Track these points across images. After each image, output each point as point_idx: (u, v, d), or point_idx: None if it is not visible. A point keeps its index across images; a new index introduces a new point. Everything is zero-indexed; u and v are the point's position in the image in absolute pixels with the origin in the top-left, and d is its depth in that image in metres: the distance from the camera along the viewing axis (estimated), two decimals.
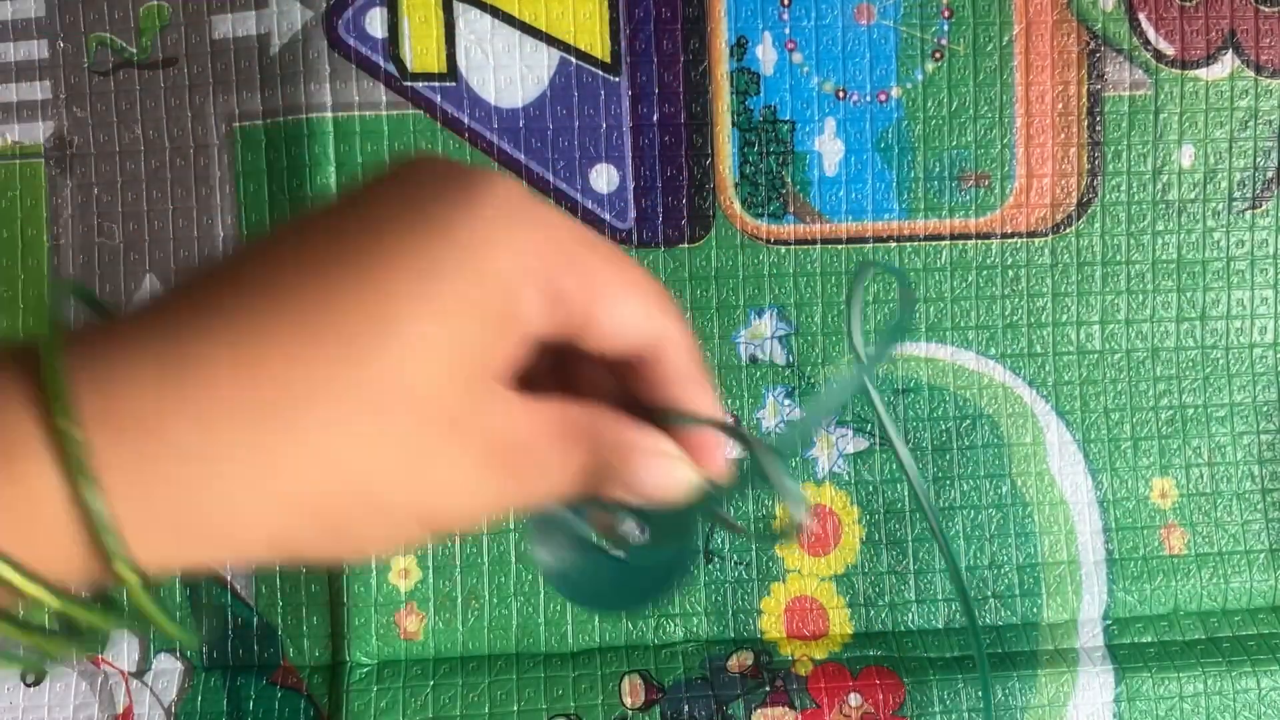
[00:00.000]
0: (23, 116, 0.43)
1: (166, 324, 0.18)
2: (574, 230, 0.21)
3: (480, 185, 0.20)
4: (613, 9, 0.42)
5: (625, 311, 0.21)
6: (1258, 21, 0.43)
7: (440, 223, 0.20)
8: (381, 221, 0.20)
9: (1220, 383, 0.44)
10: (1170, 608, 0.43)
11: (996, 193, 0.43)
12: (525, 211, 0.20)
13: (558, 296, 0.20)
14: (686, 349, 0.23)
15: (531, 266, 0.20)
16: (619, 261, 0.22)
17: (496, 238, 0.20)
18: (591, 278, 0.21)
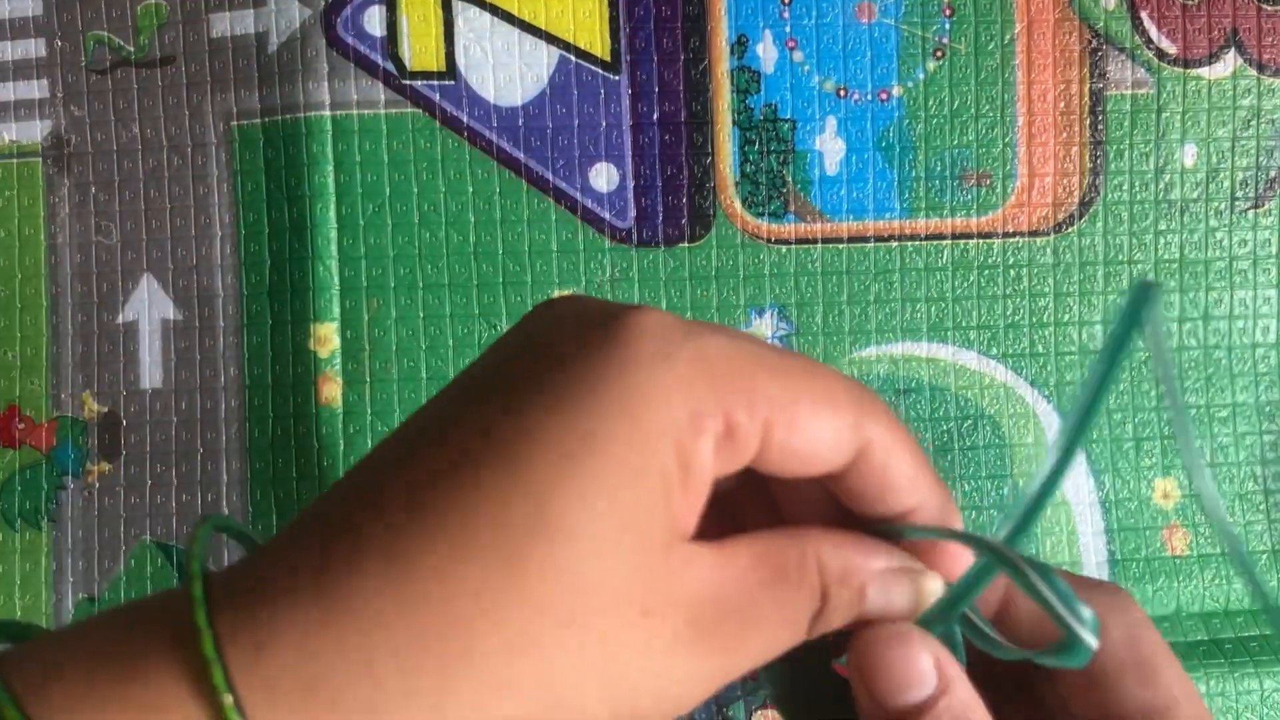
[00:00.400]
0: (20, 115, 0.43)
1: (314, 562, 0.17)
2: (739, 349, 0.19)
3: (625, 326, 0.18)
4: (612, 7, 0.42)
5: (812, 430, 0.19)
6: (1260, 20, 0.43)
7: (587, 383, 0.18)
8: (521, 395, 0.18)
9: (1223, 383, 0.43)
10: (1172, 609, 0.43)
11: (998, 192, 0.43)
12: (680, 344, 0.18)
13: (731, 432, 0.18)
14: (899, 452, 0.20)
15: (697, 410, 0.18)
16: (797, 373, 0.19)
17: (652, 386, 0.18)
18: (765, 401, 0.18)
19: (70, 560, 0.42)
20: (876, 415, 0.20)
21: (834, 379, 0.20)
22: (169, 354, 0.43)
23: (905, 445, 0.20)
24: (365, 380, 0.42)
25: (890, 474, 0.20)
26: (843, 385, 0.20)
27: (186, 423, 0.42)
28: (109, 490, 0.42)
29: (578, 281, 0.42)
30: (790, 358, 0.20)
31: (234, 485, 0.42)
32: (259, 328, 0.42)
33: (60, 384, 0.43)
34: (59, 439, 0.43)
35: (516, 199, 0.42)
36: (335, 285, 0.42)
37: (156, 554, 0.42)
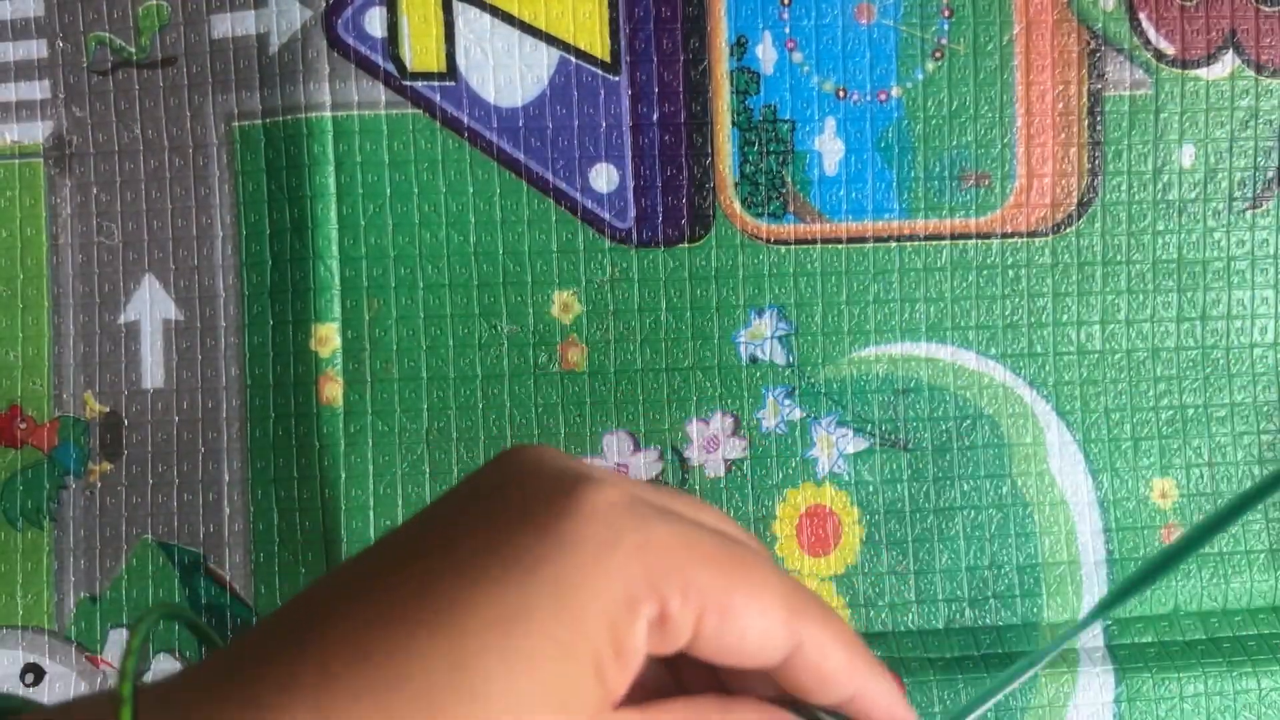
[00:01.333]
0: (21, 116, 0.43)
1: (245, 695, 0.17)
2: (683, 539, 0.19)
3: (576, 505, 0.19)
4: (612, 8, 0.42)
5: (743, 625, 0.20)
6: (1258, 21, 0.43)
7: (528, 554, 0.18)
8: (463, 559, 0.18)
9: (1221, 383, 0.44)
10: (1170, 608, 0.43)
11: (997, 192, 0.43)
12: (626, 532, 0.19)
13: (664, 618, 0.19)
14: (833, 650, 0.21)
15: (633, 594, 0.19)
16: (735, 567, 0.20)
17: (591, 570, 0.18)
18: (699, 593, 0.19)
19: (72, 559, 0.42)
20: (809, 614, 0.20)
21: (770, 577, 0.20)
22: (170, 354, 0.43)
23: (839, 641, 0.21)
24: (366, 380, 0.42)
25: (824, 669, 0.21)
26: (776, 583, 0.20)
27: (188, 422, 0.43)
28: (111, 490, 0.43)
29: (578, 281, 0.42)
30: (732, 551, 0.20)
31: (235, 485, 0.42)
32: (260, 328, 0.42)
33: (62, 384, 0.43)
34: (61, 438, 0.43)
35: (517, 199, 0.42)
36: (336, 285, 0.42)
37: (158, 553, 0.42)
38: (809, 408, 0.43)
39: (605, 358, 0.43)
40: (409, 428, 0.42)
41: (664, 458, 0.43)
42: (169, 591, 0.42)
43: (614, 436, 0.43)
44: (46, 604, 0.42)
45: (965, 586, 0.43)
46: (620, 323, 0.43)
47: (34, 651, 0.42)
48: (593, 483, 0.19)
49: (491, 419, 0.42)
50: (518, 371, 0.42)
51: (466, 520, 0.19)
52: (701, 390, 0.43)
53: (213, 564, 0.42)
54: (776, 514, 0.43)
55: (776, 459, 0.43)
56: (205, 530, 0.42)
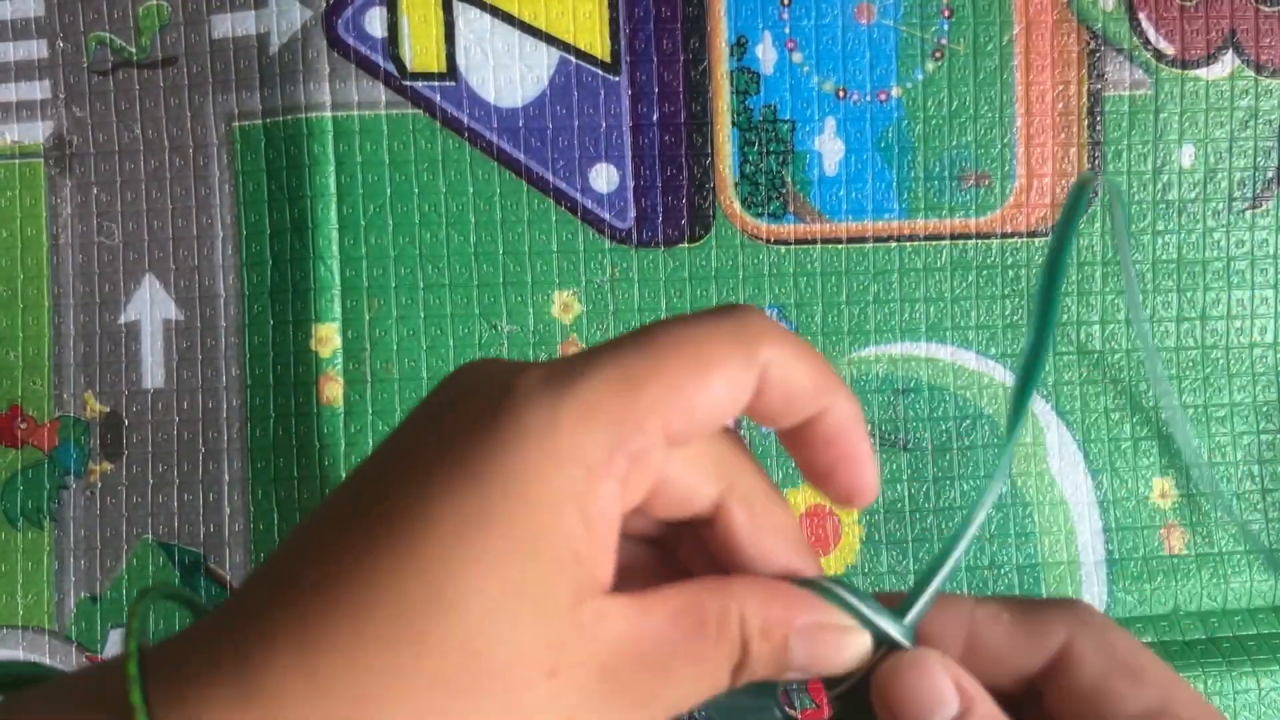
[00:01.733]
0: (22, 116, 0.43)
1: (233, 647, 0.18)
2: (617, 374, 0.19)
3: (508, 395, 0.19)
4: (612, 8, 0.42)
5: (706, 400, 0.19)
6: (1258, 21, 0.43)
7: (475, 456, 0.18)
8: (417, 477, 0.19)
9: (1220, 383, 0.44)
10: (1170, 608, 0.43)
11: (997, 192, 0.43)
12: (562, 402, 0.19)
13: (635, 461, 0.19)
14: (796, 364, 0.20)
15: (591, 463, 0.18)
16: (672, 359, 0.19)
17: (540, 454, 0.18)
18: (652, 411, 0.19)
19: (73, 559, 0.43)
20: (762, 340, 0.20)
21: (707, 335, 0.20)
22: (171, 354, 0.43)
23: (800, 355, 0.21)
24: (366, 380, 0.42)
25: (795, 383, 0.20)
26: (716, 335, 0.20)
27: (188, 422, 0.43)
28: (111, 490, 0.43)
29: (578, 281, 0.42)
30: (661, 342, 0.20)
31: (235, 485, 0.42)
32: (260, 328, 0.42)
33: (62, 384, 0.43)
34: (61, 439, 0.43)
35: (517, 199, 0.42)
36: (336, 285, 0.42)
37: (159, 553, 0.42)
38: None
39: None
40: None
41: None
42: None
43: None
44: (47, 604, 0.42)
45: (965, 586, 0.43)
46: (620, 323, 0.43)
47: (34, 651, 0.42)
48: (524, 371, 0.19)
49: None
50: None
51: (420, 438, 0.19)
52: None
53: (213, 564, 0.42)
54: None
55: (777, 459, 0.43)
56: (205, 530, 0.42)
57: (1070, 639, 0.22)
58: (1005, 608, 0.23)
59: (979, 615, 0.23)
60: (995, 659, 0.23)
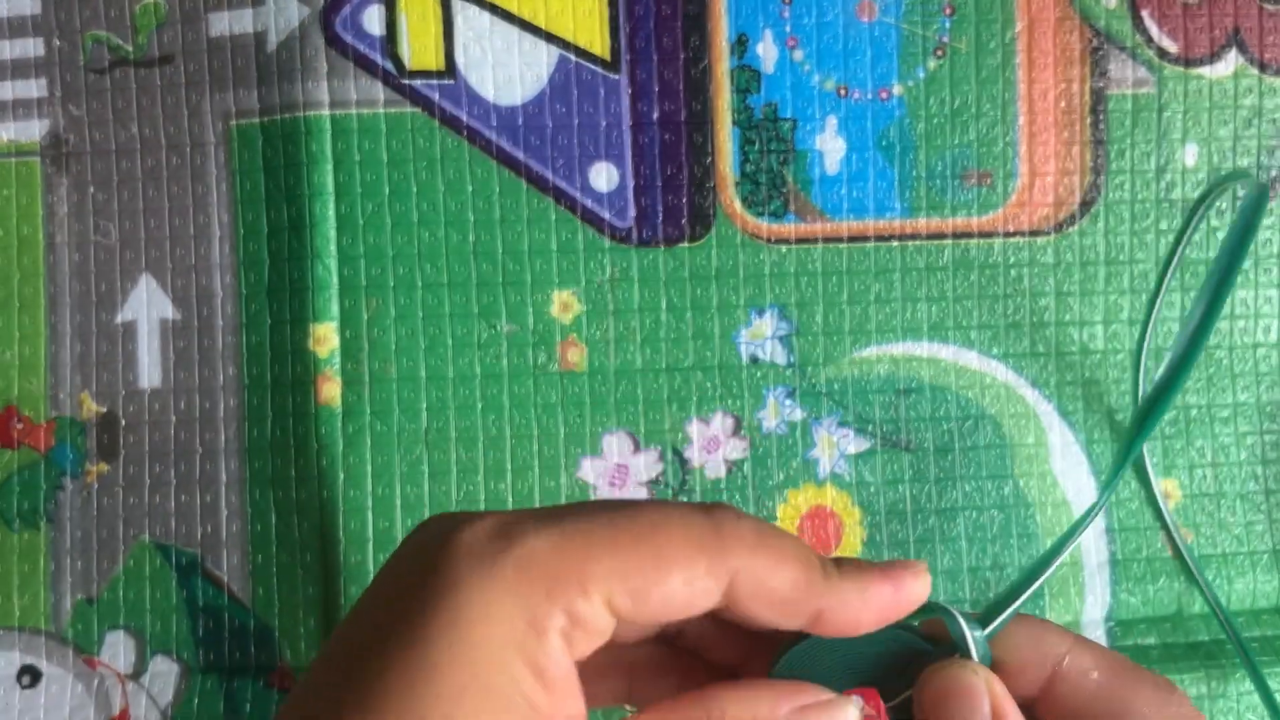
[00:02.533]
0: (17, 114, 0.43)
1: None
2: (565, 535, 0.19)
3: (446, 551, 0.19)
4: (612, 6, 0.42)
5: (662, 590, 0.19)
6: (1262, 19, 0.43)
7: (420, 612, 0.19)
8: (369, 632, 0.19)
9: (1224, 383, 0.43)
10: (1174, 609, 0.43)
11: (999, 191, 0.43)
12: (502, 555, 0.19)
13: (576, 621, 0.19)
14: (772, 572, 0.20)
15: (532, 615, 0.19)
16: (631, 541, 0.19)
17: (481, 606, 0.18)
18: (599, 581, 0.19)
19: (69, 560, 0.42)
20: (731, 547, 0.20)
21: (672, 527, 0.20)
22: (167, 354, 0.42)
23: (778, 562, 0.20)
24: (364, 380, 0.42)
25: (771, 594, 0.20)
26: (683, 534, 0.20)
27: (185, 422, 0.42)
28: (107, 490, 0.42)
29: (578, 281, 0.42)
30: (622, 523, 0.20)
31: (232, 485, 0.42)
32: (257, 327, 0.42)
33: (58, 384, 0.43)
34: (57, 439, 0.43)
35: (516, 198, 0.42)
36: (334, 284, 0.42)
37: (155, 554, 0.42)
38: (810, 408, 0.43)
39: (605, 358, 0.42)
40: (407, 428, 0.42)
41: (664, 458, 0.42)
42: (166, 593, 0.42)
43: (614, 436, 0.42)
44: (43, 605, 0.42)
45: (967, 588, 0.42)
46: (620, 323, 0.42)
47: (30, 653, 0.42)
48: (461, 525, 0.19)
49: (490, 419, 0.42)
50: (517, 371, 0.42)
51: (373, 600, 0.20)
52: (702, 390, 0.42)
53: (210, 565, 0.42)
54: (778, 515, 0.43)
55: (777, 459, 0.43)
56: (202, 531, 0.42)
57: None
58: (1098, 665, 0.23)
59: (1068, 664, 0.23)
60: (1068, 712, 0.23)
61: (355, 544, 0.41)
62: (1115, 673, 0.23)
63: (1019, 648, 0.23)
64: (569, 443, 0.42)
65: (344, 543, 0.41)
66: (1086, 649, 0.23)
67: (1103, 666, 0.23)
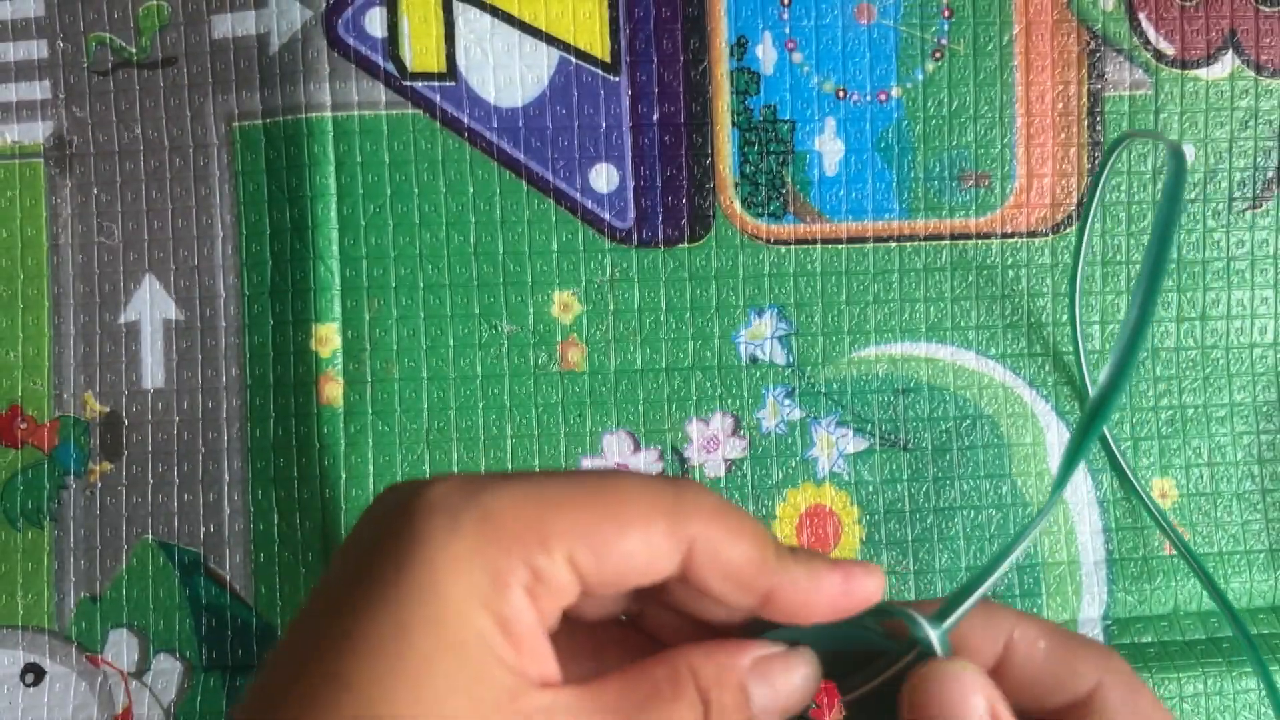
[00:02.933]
0: (22, 116, 0.43)
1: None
2: (526, 493, 0.19)
3: (409, 509, 0.19)
4: (612, 8, 0.42)
5: (620, 549, 0.19)
6: (1258, 21, 0.43)
7: (385, 571, 0.19)
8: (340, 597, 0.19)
9: (1220, 383, 0.44)
10: (1170, 608, 0.43)
11: (997, 192, 0.43)
12: (463, 510, 0.19)
13: (538, 577, 0.19)
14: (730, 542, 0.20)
15: (494, 569, 0.19)
16: (590, 499, 0.20)
17: (444, 560, 0.18)
18: (560, 538, 0.19)
19: (72, 560, 0.43)
20: (694, 513, 0.20)
21: (634, 490, 0.20)
22: (171, 354, 0.43)
23: (736, 534, 0.20)
24: (366, 380, 0.42)
25: (726, 566, 0.20)
26: (645, 496, 0.20)
27: (188, 422, 0.43)
28: (111, 490, 0.43)
29: (578, 281, 0.42)
30: (585, 483, 0.20)
31: (235, 485, 0.42)
32: (260, 328, 0.42)
33: (62, 384, 0.43)
34: (61, 438, 0.43)
35: (517, 200, 0.42)
36: (336, 285, 0.42)
37: (158, 553, 0.42)
38: (809, 408, 0.43)
39: (605, 358, 0.43)
40: (409, 428, 0.42)
41: (664, 458, 0.43)
42: (169, 591, 0.42)
43: (614, 436, 0.43)
44: (47, 604, 0.42)
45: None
46: (620, 323, 0.43)
47: (34, 651, 0.42)
48: (425, 485, 0.20)
49: (491, 419, 0.42)
50: (518, 371, 0.42)
51: (340, 567, 0.20)
52: (701, 390, 0.43)
53: (213, 564, 0.42)
54: (777, 514, 0.43)
55: (776, 459, 0.43)
56: (205, 530, 0.42)
57: (1101, 685, 0.22)
58: (1044, 635, 0.23)
59: (1017, 636, 0.23)
60: (1024, 685, 0.23)
61: None
62: (1060, 640, 0.23)
63: (973, 631, 0.23)
64: (569, 442, 0.42)
65: None
66: (1031, 622, 0.23)
67: (1048, 635, 0.23)
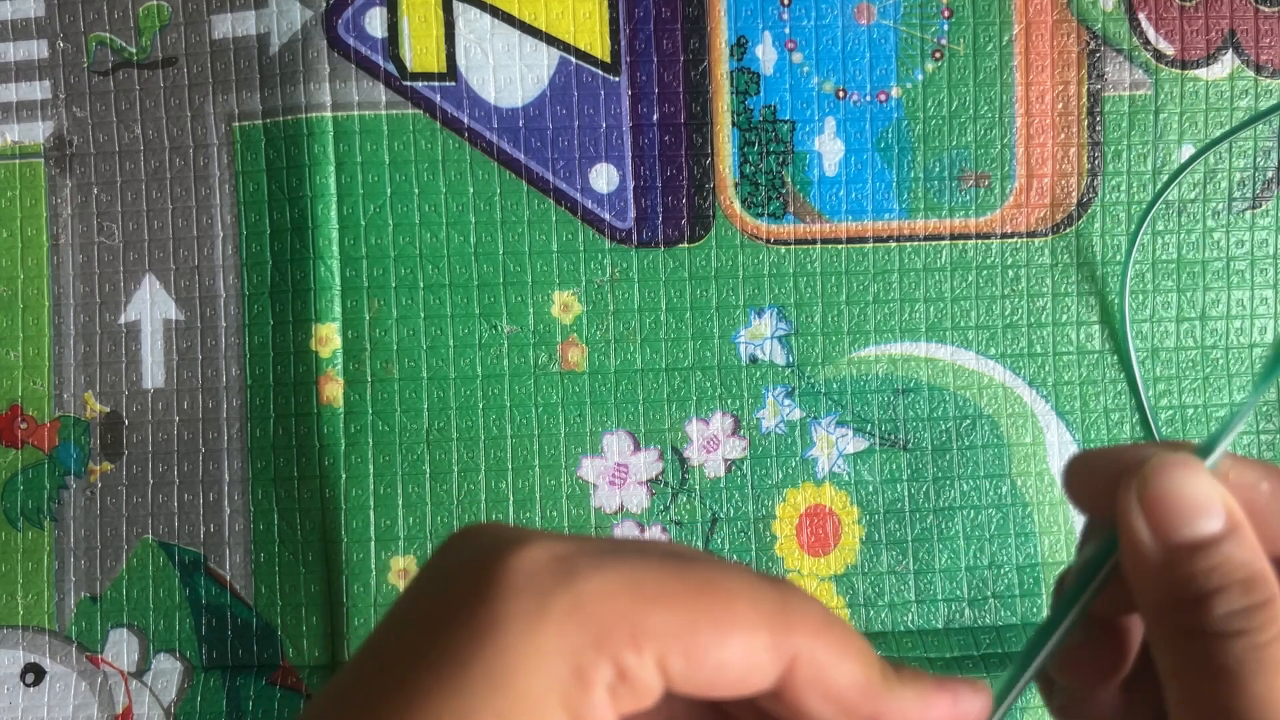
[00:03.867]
0: (22, 116, 0.43)
1: None
2: (622, 582, 0.18)
3: (494, 581, 0.18)
4: (612, 9, 0.42)
5: (717, 657, 0.18)
6: (1257, 21, 0.43)
7: (456, 652, 0.17)
8: (404, 677, 0.18)
9: (1220, 383, 0.44)
10: None
11: (996, 193, 0.43)
12: (554, 593, 0.17)
13: (624, 676, 0.17)
14: (836, 660, 0.18)
15: (579, 664, 0.17)
16: (691, 597, 0.18)
17: (525, 648, 0.17)
18: (653, 638, 0.17)
19: (73, 559, 0.43)
20: (799, 625, 0.18)
21: (738, 593, 0.18)
22: (171, 354, 0.43)
23: (842, 652, 0.18)
24: (366, 380, 0.42)
25: (829, 686, 0.18)
26: (748, 600, 0.18)
27: (188, 422, 0.43)
28: (111, 489, 0.43)
29: (578, 281, 0.43)
30: (686, 576, 0.18)
31: (235, 484, 0.42)
32: (261, 328, 0.42)
33: (63, 384, 0.43)
34: (61, 438, 0.43)
35: (517, 200, 0.42)
36: (337, 285, 0.42)
37: (159, 553, 0.42)
38: (809, 408, 0.43)
39: (605, 358, 0.43)
40: (409, 427, 0.42)
41: (664, 458, 0.43)
42: (169, 591, 0.42)
43: (614, 436, 0.43)
44: (47, 604, 0.42)
45: (965, 586, 0.43)
46: (620, 323, 0.43)
47: (35, 651, 0.42)
48: (514, 550, 0.18)
49: (491, 419, 0.42)
50: (518, 371, 0.42)
51: (406, 629, 0.18)
52: (701, 390, 0.43)
53: (213, 564, 0.42)
54: (776, 514, 0.43)
55: (776, 459, 0.43)
56: (206, 530, 0.42)
57: None
58: (1265, 476, 0.21)
59: (1234, 479, 0.21)
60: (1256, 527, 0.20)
61: (357, 542, 0.42)
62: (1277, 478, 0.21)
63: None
64: (569, 442, 0.43)
65: (346, 541, 0.42)
66: (1245, 464, 0.21)
67: (1269, 475, 0.21)
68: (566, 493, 0.42)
